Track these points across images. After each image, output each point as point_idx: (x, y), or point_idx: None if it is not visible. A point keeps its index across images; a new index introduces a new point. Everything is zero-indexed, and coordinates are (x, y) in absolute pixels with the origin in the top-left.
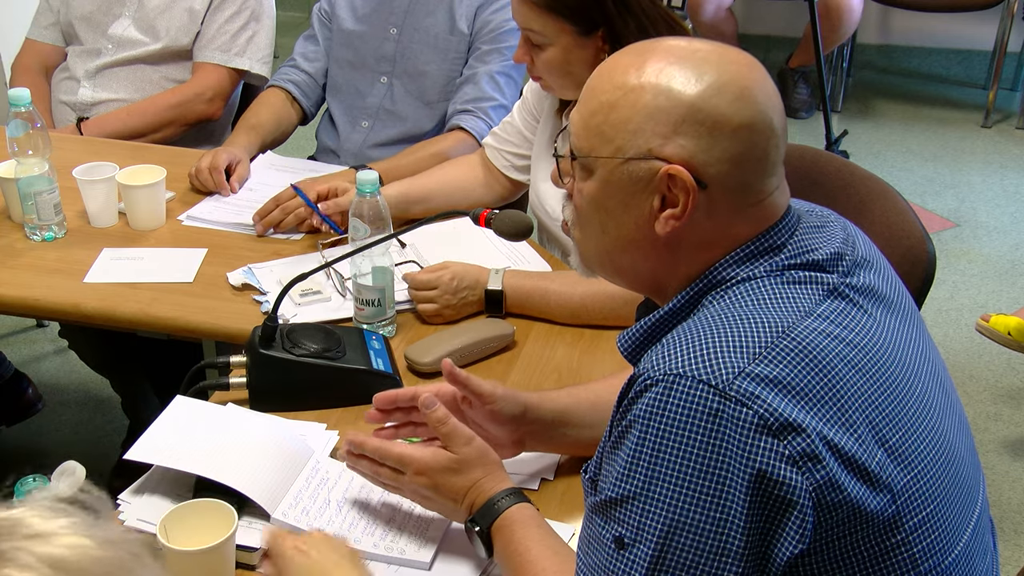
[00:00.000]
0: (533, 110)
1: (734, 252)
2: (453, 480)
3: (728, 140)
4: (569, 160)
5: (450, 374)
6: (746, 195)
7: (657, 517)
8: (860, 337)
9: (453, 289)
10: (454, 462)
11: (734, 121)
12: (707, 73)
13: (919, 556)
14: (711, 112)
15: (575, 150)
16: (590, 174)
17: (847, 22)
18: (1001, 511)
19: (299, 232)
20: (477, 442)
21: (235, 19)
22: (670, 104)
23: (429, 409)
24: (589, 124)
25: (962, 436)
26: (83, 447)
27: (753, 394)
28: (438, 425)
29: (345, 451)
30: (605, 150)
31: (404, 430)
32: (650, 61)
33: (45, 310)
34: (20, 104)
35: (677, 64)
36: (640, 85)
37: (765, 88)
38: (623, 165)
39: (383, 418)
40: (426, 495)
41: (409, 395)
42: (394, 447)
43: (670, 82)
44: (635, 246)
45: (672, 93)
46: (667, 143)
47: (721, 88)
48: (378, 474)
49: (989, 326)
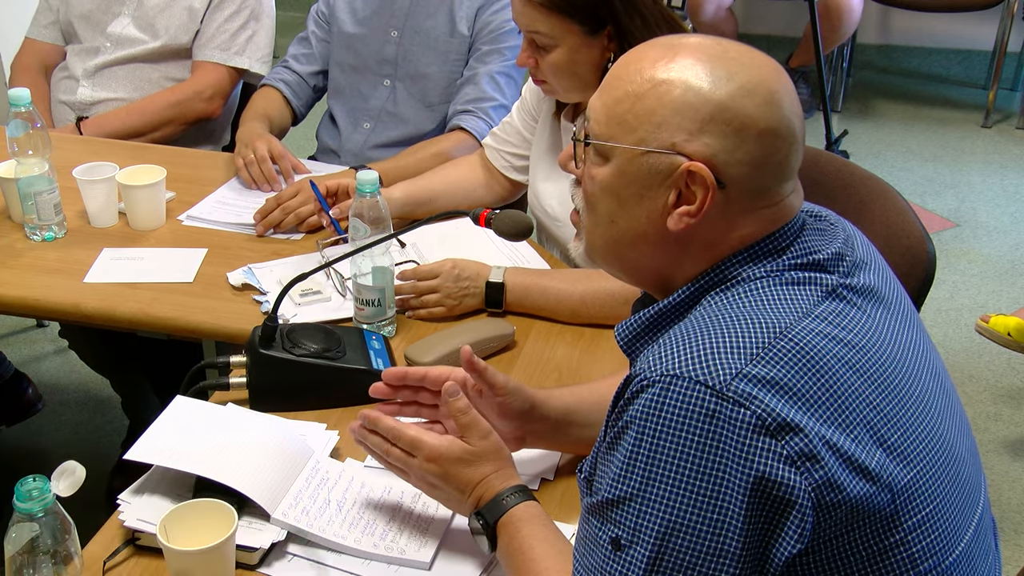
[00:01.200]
0: (532, 111)
1: (740, 252)
2: (464, 471)
3: (752, 143)
4: (583, 145)
5: (469, 361)
6: (762, 198)
7: (654, 518)
8: (858, 338)
9: (455, 277)
10: (468, 453)
11: (760, 124)
12: (738, 74)
13: (919, 556)
14: (739, 113)
15: (592, 135)
16: (605, 161)
17: (847, 22)
18: (1001, 511)
19: (299, 232)
20: (494, 437)
21: (235, 18)
22: (699, 101)
23: (452, 398)
24: (612, 112)
25: (963, 437)
26: (83, 447)
27: (750, 395)
28: (458, 415)
29: (358, 425)
30: (627, 139)
31: (408, 409)
32: (680, 56)
33: (45, 310)
34: (20, 104)
35: (708, 62)
36: (670, 79)
37: (790, 94)
38: (642, 156)
39: (390, 393)
40: (433, 483)
41: (419, 375)
42: (408, 429)
43: (700, 80)
44: (644, 239)
45: (702, 91)
46: (692, 140)
47: (751, 91)
48: (388, 454)
49: (989, 327)
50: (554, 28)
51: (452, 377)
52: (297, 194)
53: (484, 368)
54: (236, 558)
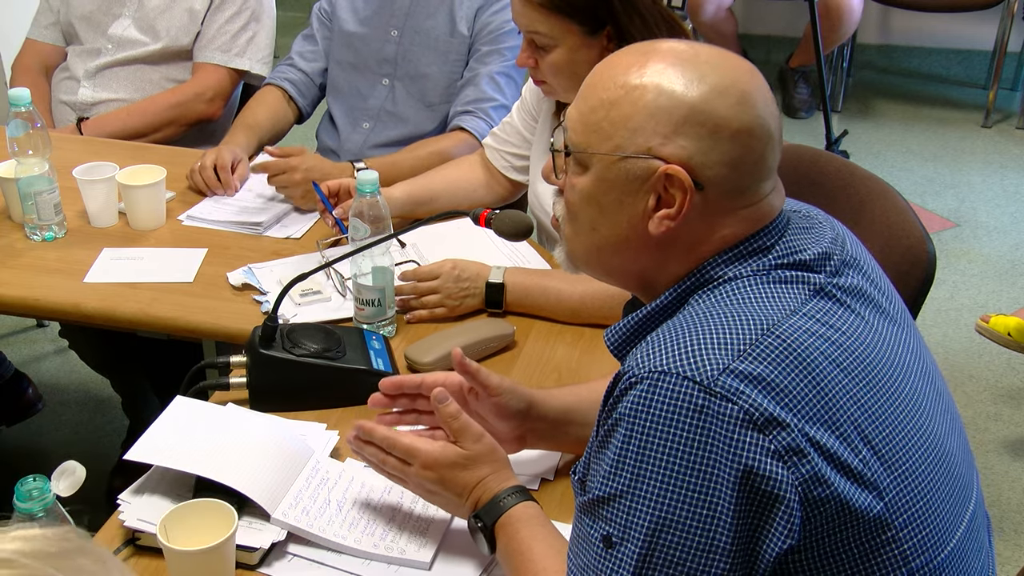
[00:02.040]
0: (532, 111)
1: (723, 252)
2: (460, 475)
3: (727, 143)
4: (563, 155)
5: (460, 363)
6: (741, 198)
7: (644, 515)
8: (846, 336)
9: (455, 278)
10: (463, 458)
11: (734, 125)
12: (709, 76)
13: (910, 553)
14: (712, 115)
15: (571, 145)
16: (584, 170)
17: (847, 22)
18: (1001, 511)
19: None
20: (487, 439)
21: (235, 19)
22: (672, 104)
23: (442, 404)
24: (588, 120)
25: (954, 434)
26: (83, 447)
27: (737, 390)
28: (450, 420)
29: (353, 436)
30: (603, 146)
31: (408, 417)
32: (652, 61)
33: (45, 310)
34: (20, 104)
35: (680, 66)
36: (642, 84)
37: (764, 94)
38: (620, 162)
39: (388, 403)
40: (431, 489)
41: (415, 382)
42: (403, 438)
43: (672, 83)
44: (626, 244)
45: (675, 94)
46: (667, 143)
47: (723, 92)
48: (384, 463)
49: (989, 327)
50: (553, 28)
51: (446, 382)
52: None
53: (477, 370)
54: (236, 558)
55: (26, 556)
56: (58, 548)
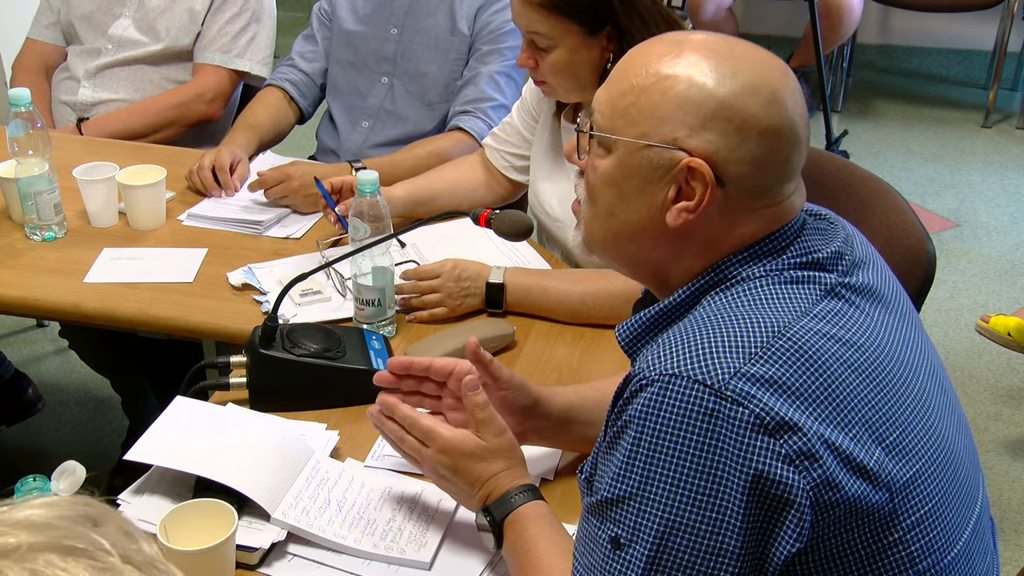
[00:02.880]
0: (532, 111)
1: (740, 251)
2: (475, 466)
3: (754, 142)
4: (588, 136)
5: (475, 352)
6: (762, 197)
7: (653, 517)
8: (857, 337)
9: (456, 277)
10: (481, 449)
11: (763, 124)
12: (742, 72)
13: (917, 554)
14: (742, 111)
15: (596, 127)
16: (608, 153)
17: (847, 22)
18: (1001, 511)
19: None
20: (508, 435)
21: (236, 20)
22: (702, 97)
23: (472, 391)
24: (617, 104)
25: (961, 436)
26: (83, 447)
27: (749, 393)
28: (476, 410)
29: (376, 410)
30: (629, 132)
31: (412, 399)
32: (687, 52)
33: (45, 310)
34: (20, 104)
35: (714, 59)
36: (674, 74)
37: (796, 96)
38: (644, 150)
39: (394, 382)
40: (443, 474)
41: (424, 365)
42: (424, 419)
43: (704, 76)
44: (642, 233)
45: (706, 87)
46: (693, 135)
47: (755, 89)
48: (402, 441)
49: (989, 327)
50: (553, 29)
51: (456, 369)
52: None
53: (489, 360)
54: (236, 558)
55: (61, 520)
56: (85, 512)
